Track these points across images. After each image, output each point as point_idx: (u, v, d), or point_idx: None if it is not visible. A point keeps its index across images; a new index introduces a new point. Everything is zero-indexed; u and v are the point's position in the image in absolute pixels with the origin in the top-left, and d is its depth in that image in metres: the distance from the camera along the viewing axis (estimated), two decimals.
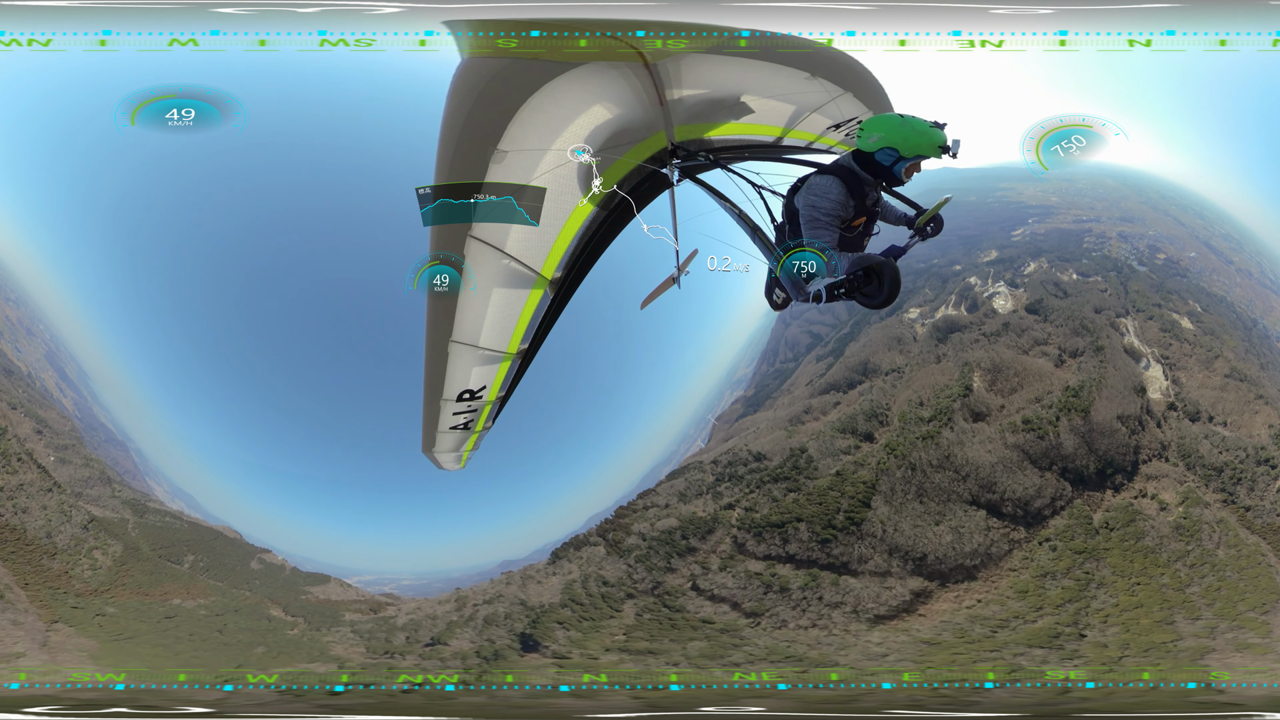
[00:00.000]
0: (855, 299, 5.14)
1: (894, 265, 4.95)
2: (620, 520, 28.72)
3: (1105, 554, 26.46)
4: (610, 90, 5.07)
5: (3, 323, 41.53)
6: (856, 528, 26.30)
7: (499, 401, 6.76)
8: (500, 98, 4.69)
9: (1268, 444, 28.95)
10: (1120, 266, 37.87)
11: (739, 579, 25.59)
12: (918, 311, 37.57)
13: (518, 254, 5.43)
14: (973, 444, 28.60)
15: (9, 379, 35.78)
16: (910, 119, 5.30)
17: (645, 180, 5.93)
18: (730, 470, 30.33)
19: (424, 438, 6.67)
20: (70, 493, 30.06)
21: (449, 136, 4.75)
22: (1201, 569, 25.73)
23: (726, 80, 5.62)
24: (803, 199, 5.53)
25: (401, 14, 9.28)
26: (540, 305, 5.99)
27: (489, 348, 5.92)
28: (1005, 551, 26.85)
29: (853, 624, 24.26)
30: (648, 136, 5.63)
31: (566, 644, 24.22)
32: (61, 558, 27.38)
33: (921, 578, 25.61)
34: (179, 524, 33.83)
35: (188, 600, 27.87)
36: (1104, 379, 30.56)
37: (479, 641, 24.93)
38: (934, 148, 5.28)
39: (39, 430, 33.06)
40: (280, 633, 27.17)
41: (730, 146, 6.40)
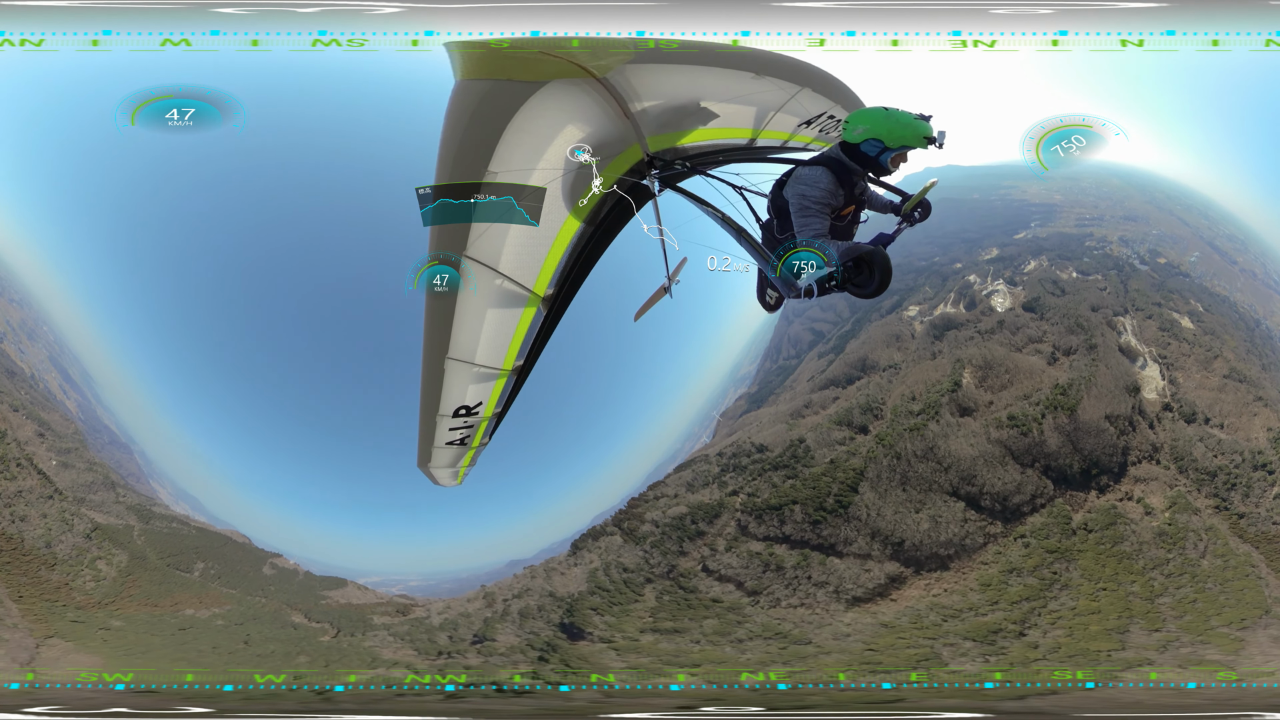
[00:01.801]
0: (847, 290, 5.15)
1: (884, 254, 4.96)
2: (633, 510, 29.79)
3: (1078, 556, 26.17)
4: (577, 108, 5.15)
5: (5, 324, 41.50)
6: (844, 510, 27.34)
7: (495, 418, 6.84)
8: (487, 119, 4.82)
9: (1265, 448, 28.16)
10: (1121, 265, 37.70)
11: (742, 558, 26.83)
12: (917, 309, 37.66)
13: (510, 272, 5.53)
14: (957, 437, 28.81)
15: (11, 381, 35.55)
16: (895, 111, 5.32)
17: (629, 193, 5.95)
18: (734, 461, 31.14)
19: (420, 453, 6.73)
20: (72, 499, 29.36)
21: (445, 157, 4.88)
22: (1180, 579, 25.10)
23: (679, 87, 5.66)
24: (791, 189, 5.53)
25: (401, 14, 9.32)
26: (534, 322, 6.07)
27: (484, 365, 5.99)
28: (980, 544, 26.96)
29: (832, 604, 25.40)
30: (623, 150, 5.68)
31: (606, 628, 25.23)
32: (62, 568, 26.42)
33: (898, 563, 26.46)
34: (186, 530, 33.29)
35: (201, 610, 26.99)
36: (1094, 378, 30.27)
37: (523, 635, 25.52)
38: (919, 139, 5.30)
39: (41, 433, 32.56)
40: (313, 640, 26.49)
41: (706, 152, 6.43)
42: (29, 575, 25.51)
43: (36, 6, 8.97)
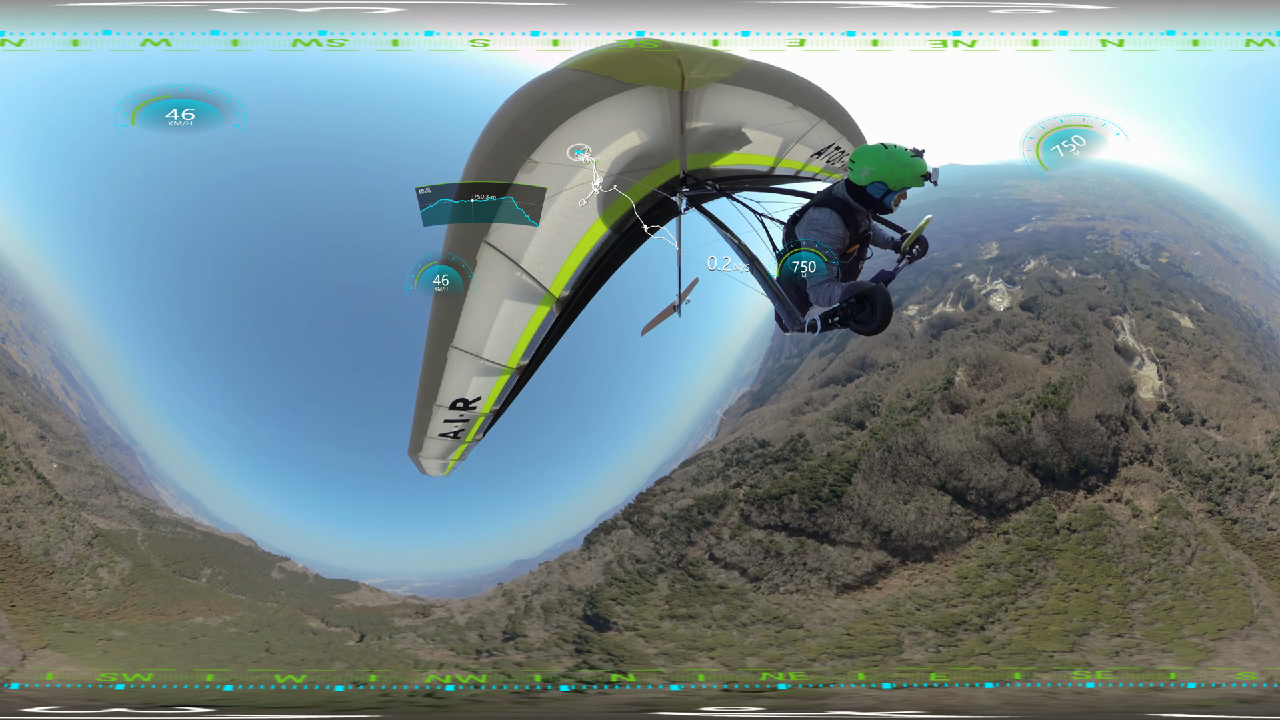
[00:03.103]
0: (849, 326, 5.31)
1: (885, 290, 5.11)
2: (642, 504, 30.54)
3: (1058, 555, 25.96)
4: (646, 117, 5.13)
5: (7, 325, 41.47)
6: (838, 500, 28.08)
7: (492, 415, 6.75)
8: (552, 109, 4.70)
9: (1263, 451, 27.37)
10: (1122, 264, 37.53)
11: (745, 545, 27.73)
12: (916, 309, 37.69)
13: (530, 268, 5.45)
14: (947, 433, 29.01)
15: (13, 381, 35.33)
16: (895, 149, 5.50)
17: (655, 208, 5.99)
18: (738, 456, 31.83)
19: (412, 440, 6.66)
20: (73, 504, 28.69)
21: (490, 135, 4.75)
22: (1160, 585, 24.47)
23: (732, 111, 5.75)
24: (804, 233, 5.75)
25: (402, 13, 9.32)
26: (545, 322, 6.01)
27: (490, 359, 5.93)
28: (964, 538, 27.12)
29: (823, 590, 26.13)
30: (663, 164, 5.73)
31: (629, 617, 25.88)
32: (60, 577, 25.48)
33: (885, 551, 27.01)
34: (191, 534, 32.72)
35: (211, 618, 26.15)
36: (1086, 377, 30.05)
37: (551, 629, 25.91)
38: (917, 178, 5.51)
39: (42, 435, 32.12)
40: (339, 644, 25.83)
41: (732, 176, 6.53)
42: (24, 584, 24.65)
43: (18, 7, 8.89)
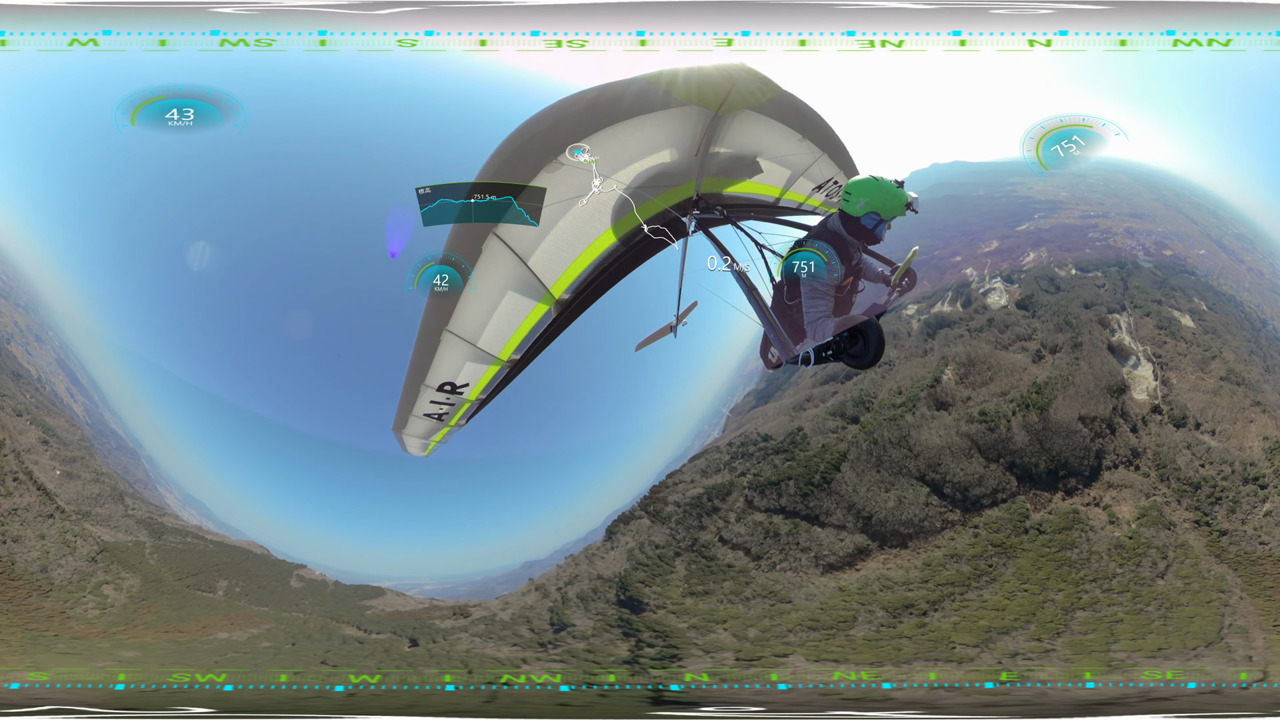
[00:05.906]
0: (843, 360, 5.45)
1: (877, 324, 5.23)
2: (656, 495, 32.61)
3: (1021, 554, 25.97)
4: (679, 135, 5.27)
5: (13, 327, 41.42)
6: (828, 485, 29.54)
7: (478, 403, 6.88)
8: (597, 115, 4.82)
9: (1259, 459, 26.26)
10: (1123, 262, 37.09)
11: (749, 527, 29.44)
12: (915, 308, 37.65)
13: (535, 266, 5.54)
14: (929, 428, 29.86)
15: (17, 383, 35.00)
16: (882, 182, 5.78)
17: (666, 226, 6.15)
18: (742, 449, 33.32)
19: (397, 416, 6.81)
20: (76, 514, 27.78)
21: (524, 132, 4.83)
22: (1119, 596, 23.58)
23: (752, 139, 5.94)
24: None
25: (403, 14, 9.32)
26: (541, 321, 6.14)
27: (484, 348, 6.00)
28: (938, 528, 27.80)
29: (810, 569, 27.60)
30: (680, 184, 5.91)
31: (658, 597, 27.57)
32: (58, 594, 24.08)
33: (866, 535, 28.30)
34: (202, 544, 31.88)
35: (235, 632, 25.08)
36: (1072, 377, 29.86)
37: (593, 617, 27.44)
38: (902, 207, 5.84)
39: (45, 440, 31.33)
40: (395, 650, 25.50)
41: (740, 204, 6.69)
42: (16, 602, 23.21)
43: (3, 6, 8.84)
